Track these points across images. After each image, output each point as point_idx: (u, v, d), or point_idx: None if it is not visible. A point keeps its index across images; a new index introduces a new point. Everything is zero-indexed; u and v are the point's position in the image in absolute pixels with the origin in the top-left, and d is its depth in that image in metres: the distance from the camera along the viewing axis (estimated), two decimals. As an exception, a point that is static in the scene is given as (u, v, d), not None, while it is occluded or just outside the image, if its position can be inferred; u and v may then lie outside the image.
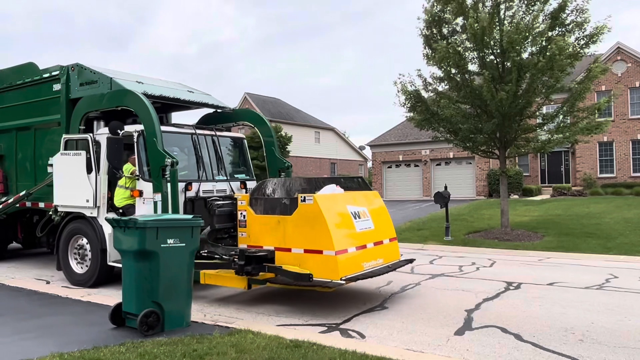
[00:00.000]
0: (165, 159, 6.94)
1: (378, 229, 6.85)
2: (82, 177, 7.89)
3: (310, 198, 6.15)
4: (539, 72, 11.82)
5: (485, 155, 14.80)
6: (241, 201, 6.90)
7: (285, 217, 6.35)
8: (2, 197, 9.76)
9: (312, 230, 6.08)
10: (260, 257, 6.28)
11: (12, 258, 11.03)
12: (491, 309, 6.48)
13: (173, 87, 9.35)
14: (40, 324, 5.94)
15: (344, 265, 5.94)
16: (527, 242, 12.57)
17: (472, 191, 28.31)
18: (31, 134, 9.41)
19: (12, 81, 9.74)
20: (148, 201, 7.21)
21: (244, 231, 6.82)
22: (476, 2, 12.75)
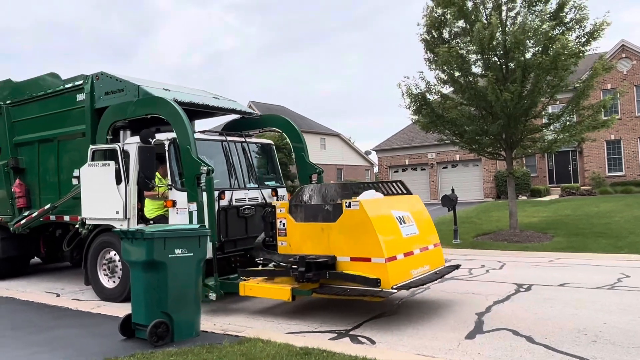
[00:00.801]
0: (201, 167, 6.68)
1: (422, 234, 6.62)
2: (112, 188, 7.63)
3: (356, 203, 5.91)
4: (543, 72, 11.79)
5: (491, 156, 14.75)
6: (280, 209, 6.65)
7: (329, 224, 6.12)
8: (25, 211, 9.52)
9: (359, 237, 5.86)
10: (321, 264, 6.00)
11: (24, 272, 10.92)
12: (502, 311, 6.43)
13: (198, 93, 9.14)
14: (51, 336, 5.96)
15: (393, 273, 5.70)
16: (537, 243, 12.48)
17: (480, 193, 28.19)
18: (54, 146, 9.19)
19: (34, 92, 9.56)
20: (182, 211, 6.97)
21: (284, 240, 6.56)
22: (477, 5, 12.76)
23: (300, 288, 6.19)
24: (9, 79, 10.28)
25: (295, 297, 6.27)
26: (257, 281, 6.72)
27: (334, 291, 5.99)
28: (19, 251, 10.26)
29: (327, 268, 6.01)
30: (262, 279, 6.77)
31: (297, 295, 6.28)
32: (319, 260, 5.99)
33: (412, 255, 6.22)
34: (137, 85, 7.91)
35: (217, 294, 6.61)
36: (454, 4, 12.32)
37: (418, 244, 6.44)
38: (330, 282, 6.07)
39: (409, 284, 5.85)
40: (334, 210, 6.14)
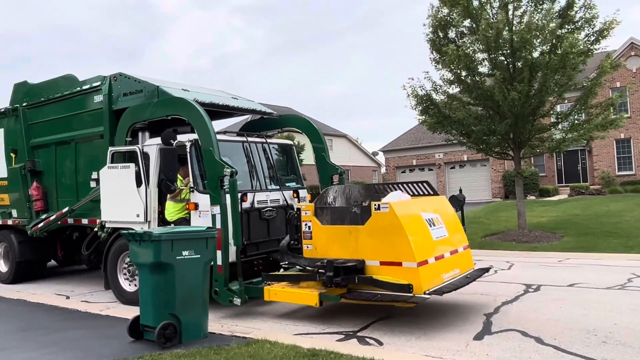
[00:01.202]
0: (224, 169, 6.49)
1: (452, 237, 6.45)
2: (132, 190, 7.49)
3: (385, 205, 5.72)
4: (551, 71, 11.72)
5: (499, 156, 14.68)
6: (305, 211, 6.44)
7: (357, 227, 5.92)
8: (42, 214, 9.46)
9: (389, 241, 5.66)
10: (349, 268, 5.80)
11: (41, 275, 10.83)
12: (510, 312, 6.39)
13: (217, 94, 8.99)
14: (61, 338, 6.01)
15: (425, 278, 5.52)
16: (546, 243, 12.39)
17: (488, 193, 28.05)
18: (71, 148, 9.06)
19: (51, 94, 9.43)
20: (204, 214, 6.84)
21: (309, 243, 6.37)
22: (483, 4, 12.71)
23: (328, 293, 6.03)
24: (25, 81, 10.23)
25: (322, 303, 6.05)
26: (281, 285, 6.55)
27: (364, 297, 5.81)
28: (37, 254, 10.21)
29: (355, 272, 5.81)
30: (286, 284, 6.59)
31: (325, 301, 6.09)
32: (347, 265, 5.80)
33: (443, 258, 6.04)
34: (157, 85, 7.76)
35: (242, 299, 6.46)
36: (460, 4, 12.28)
37: (448, 246, 6.27)
38: (359, 287, 5.89)
39: (441, 288, 5.65)
40: (362, 212, 5.95)
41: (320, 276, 5.98)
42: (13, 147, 10.00)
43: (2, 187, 10.31)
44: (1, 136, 10.28)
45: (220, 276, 6.51)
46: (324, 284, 5.96)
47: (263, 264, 7.54)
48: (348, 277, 5.79)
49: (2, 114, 10.32)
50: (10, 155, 10.01)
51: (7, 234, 10.17)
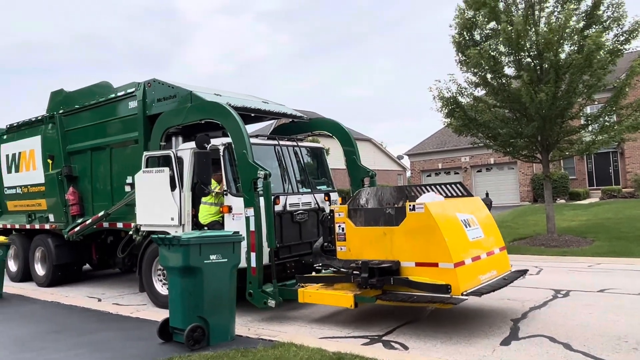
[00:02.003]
0: (258, 172, 6.54)
1: (488, 238, 6.37)
2: (166, 194, 7.60)
3: (420, 206, 5.67)
4: (578, 71, 11.50)
5: (527, 159, 14.45)
6: (339, 213, 6.42)
7: (391, 228, 5.89)
8: (78, 219, 9.68)
9: (425, 242, 5.61)
10: (384, 269, 5.76)
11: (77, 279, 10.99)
12: (539, 317, 6.30)
13: (248, 98, 9.10)
14: (93, 339, 6.19)
15: (463, 279, 5.44)
16: (576, 248, 12.14)
17: (516, 197, 27.59)
18: (107, 153, 9.28)
19: (86, 101, 9.67)
20: (237, 217, 6.89)
21: (343, 245, 6.34)
22: (509, 5, 12.57)
23: (363, 295, 6.00)
24: (62, 89, 10.56)
25: (357, 305, 6.04)
26: (315, 287, 6.57)
27: (400, 298, 5.75)
28: (73, 258, 10.48)
29: (390, 274, 5.77)
30: (320, 286, 6.62)
31: (360, 303, 6.07)
32: (382, 266, 5.76)
33: (480, 260, 5.96)
34: (190, 91, 7.85)
35: (276, 301, 6.50)
36: (486, 5, 12.17)
37: (484, 248, 6.19)
38: (394, 288, 5.85)
39: (480, 289, 5.56)
40: (397, 213, 5.92)
41: (354, 278, 5.97)
42: (50, 153, 10.29)
43: (39, 193, 10.63)
44: (39, 143, 10.59)
45: (254, 278, 6.59)
46: (359, 285, 5.95)
47: (295, 266, 7.57)
48: (383, 278, 5.75)
49: (39, 122, 10.68)
50: (47, 162, 10.32)
51: (45, 238, 10.49)
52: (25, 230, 11.15)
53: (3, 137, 11.74)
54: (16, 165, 11.30)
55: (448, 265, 5.45)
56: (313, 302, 6.61)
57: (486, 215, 6.75)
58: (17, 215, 11.44)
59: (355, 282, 5.99)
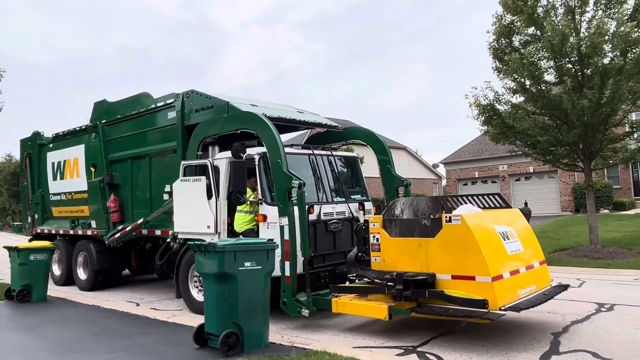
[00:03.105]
0: (292, 181, 6.60)
1: (527, 251, 6.21)
2: (203, 203, 7.73)
3: (457, 218, 5.58)
4: (625, 77, 11.10)
5: (568, 168, 14.01)
6: (374, 223, 6.38)
7: (427, 239, 5.82)
8: (118, 225, 9.95)
9: (462, 254, 5.50)
10: (419, 282, 5.67)
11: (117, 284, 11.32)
12: (581, 332, 6.07)
13: (283, 108, 9.21)
14: (131, 343, 6.34)
15: (500, 293, 5.30)
16: (621, 260, 11.65)
17: (557, 207, 26.74)
18: (146, 162, 9.53)
19: (127, 111, 9.96)
20: (272, 225, 6.96)
21: (377, 255, 6.29)
22: (547, 10, 12.29)
23: (397, 307, 5.96)
24: (104, 99, 10.94)
25: (392, 316, 6.00)
26: (349, 298, 6.54)
27: (435, 311, 5.67)
28: (113, 263, 10.81)
29: (426, 286, 5.69)
30: (354, 296, 6.58)
31: (394, 315, 6.02)
32: (417, 278, 5.67)
33: (518, 273, 5.78)
34: (227, 101, 8.01)
35: (310, 310, 6.52)
36: (524, 11, 11.94)
37: (523, 261, 6.02)
38: (429, 301, 5.77)
39: (518, 305, 5.42)
40: (433, 224, 5.83)
41: (389, 289, 5.89)
42: (93, 161, 10.66)
43: (82, 200, 11.02)
44: (82, 151, 10.99)
45: (288, 287, 6.62)
46: (393, 297, 5.87)
47: (329, 276, 7.55)
48: (418, 290, 5.66)
49: (83, 131, 11.10)
50: (90, 170, 10.68)
51: (87, 243, 10.85)
52: (68, 235, 11.55)
53: (49, 145, 12.24)
54: (61, 172, 11.75)
55: (485, 279, 5.30)
56: (347, 313, 6.57)
57: (525, 227, 6.56)
58: (62, 221, 11.86)
59: (390, 293, 5.92)
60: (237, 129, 7.71)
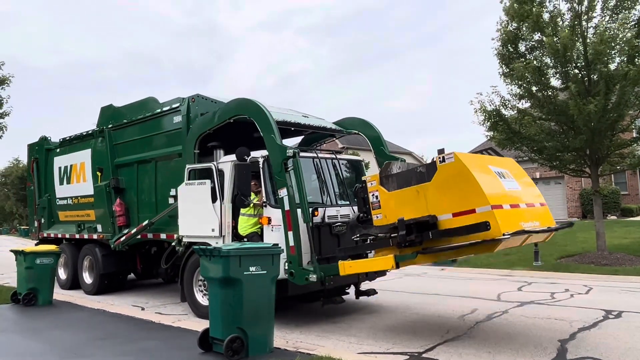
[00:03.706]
0: (287, 150, 6.71)
1: (526, 191, 6.10)
2: (207, 206, 7.76)
3: (450, 156, 5.52)
4: (631, 83, 11.06)
5: (575, 174, 13.95)
6: (371, 182, 6.37)
7: (424, 185, 5.76)
8: (124, 229, 9.93)
9: (459, 190, 5.43)
10: (422, 224, 5.61)
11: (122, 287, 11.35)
12: (588, 339, 6.01)
13: (287, 112, 9.22)
14: (137, 347, 6.34)
15: (502, 220, 5.15)
16: (629, 267, 11.56)
17: (564, 213, 26.58)
18: (152, 166, 9.52)
19: (134, 116, 9.98)
20: (276, 228, 6.99)
21: (378, 213, 6.24)
22: (553, 16, 12.27)
23: (403, 254, 5.83)
24: (111, 104, 10.98)
25: (399, 265, 5.82)
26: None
27: (440, 250, 5.58)
28: (118, 267, 10.82)
29: (428, 228, 5.60)
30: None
31: (401, 262, 5.87)
32: (419, 221, 5.61)
33: (519, 208, 5.65)
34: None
35: (317, 274, 6.49)
36: (530, 17, 11.93)
37: (523, 199, 5.89)
38: (433, 243, 5.66)
39: (523, 230, 5.32)
40: (428, 169, 5.79)
41: (393, 240, 5.84)
42: (99, 165, 10.70)
43: (89, 204, 11.06)
44: (88, 156, 11.04)
45: (293, 257, 6.66)
46: (398, 245, 5.78)
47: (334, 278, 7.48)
48: (421, 234, 5.59)
49: (89, 136, 11.15)
50: (96, 174, 10.72)
51: (92, 247, 10.89)
52: (74, 239, 11.60)
53: (56, 150, 12.32)
54: (68, 177, 11.81)
55: (485, 208, 5.19)
56: (355, 272, 6.41)
57: (522, 172, 6.50)
58: (68, 225, 11.91)
59: (395, 243, 5.84)
60: (231, 117, 7.80)
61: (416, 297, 9.40)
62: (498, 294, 9.19)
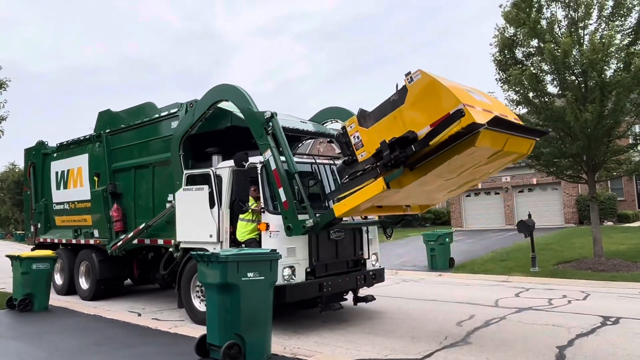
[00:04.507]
0: (264, 113, 7.06)
1: (497, 105, 6.16)
2: (205, 212, 7.77)
3: (417, 74, 5.59)
4: (625, 90, 11.12)
5: (571, 180, 13.99)
6: (350, 125, 6.44)
7: (398, 109, 5.82)
8: (121, 235, 9.88)
9: (431, 102, 5.49)
10: (403, 139, 5.65)
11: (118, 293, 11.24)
12: (586, 345, 6.01)
13: (286, 118, 9.14)
14: (133, 353, 6.31)
15: (476, 113, 5.20)
16: (626, 273, 11.57)
17: (560, 219, 26.63)
18: (149, 172, 9.53)
19: (131, 121, 9.97)
20: (274, 234, 7.04)
21: (362, 151, 6.27)
22: (550, 23, 12.34)
23: (390, 174, 5.81)
24: (108, 109, 10.95)
25: (389, 185, 5.76)
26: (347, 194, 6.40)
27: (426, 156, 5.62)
28: (115, 273, 10.76)
29: (410, 143, 5.61)
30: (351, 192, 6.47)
31: (391, 182, 5.81)
32: (400, 138, 5.64)
33: (492, 113, 5.62)
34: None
35: (314, 219, 6.55)
36: (526, 24, 12.00)
37: (495, 110, 5.87)
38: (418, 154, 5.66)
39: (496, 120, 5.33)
40: (400, 94, 5.86)
41: (380, 167, 5.89)
42: (97, 170, 10.66)
43: (85, 209, 11.01)
44: (86, 161, 11.00)
45: (287, 212, 6.79)
46: (385, 166, 5.83)
47: (332, 285, 7.41)
48: (404, 149, 5.65)
49: (87, 140, 11.12)
50: (93, 179, 10.68)
51: (89, 253, 10.83)
52: (71, 244, 11.54)
53: (53, 154, 12.28)
54: (65, 181, 11.77)
55: (458, 107, 5.21)
56: (349, 208, 6.29)
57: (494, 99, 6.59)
58: (64, 230, 11.86)
59: (381, 169, 5.88)
60: (209, 108, 8.09)
61: (414, 303, 9.39)
62: (496, 300, 9.18)
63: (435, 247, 14.23)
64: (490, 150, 5.59)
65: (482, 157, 5.78)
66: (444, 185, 6.54)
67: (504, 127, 5.51)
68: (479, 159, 5.83)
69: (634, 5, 11.73)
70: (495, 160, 6.06)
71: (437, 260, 14.21)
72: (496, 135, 5.44)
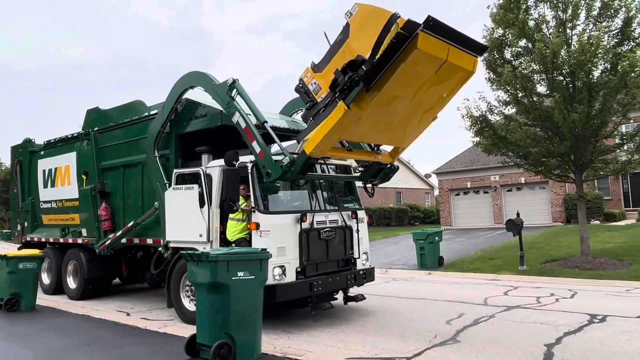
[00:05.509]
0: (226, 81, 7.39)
1: None
2: (195, 211, 7.73)
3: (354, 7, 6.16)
4: (612, 91, 11.25)
5: (559, 179, 14.12)
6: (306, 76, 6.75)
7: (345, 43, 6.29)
8: (109, 234, 9.82)
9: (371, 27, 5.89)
10: (353, 64, 5.98)
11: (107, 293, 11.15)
12: (574, 343, 6.08)
13: (275, 117, 9.17)
14: (122, 353, 6.26)
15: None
16: (612, 271, 11.72)
17: (548, 217, 26.90)
18: (138, 171, 9.44)
19: (120, 119, 9.91)
20: (265, 234, 7.04)
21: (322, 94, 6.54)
22: (538, 23, 12.44)
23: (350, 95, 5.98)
24: (97, 107, 10.85)
25: (350, 106, 5.92)
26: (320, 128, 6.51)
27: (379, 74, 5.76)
28: (103, 272, 10.64)
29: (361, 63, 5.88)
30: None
31: (351, 104, 5.93)
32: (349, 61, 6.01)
33: None
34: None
35: (289, 157, 6.59)
36: (515, 25, 12.08)
37: None
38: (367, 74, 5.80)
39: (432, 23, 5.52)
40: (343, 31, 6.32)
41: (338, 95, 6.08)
42: (85, 169, 10.54)
43: (73, 207, 10.89)
44: (74, 159, 10.88)
45: (263, 160, 6.88)
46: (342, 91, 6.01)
47: (322, 284, 7.41)
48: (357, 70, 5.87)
49: (75, 138, 11.01)
50: (82, 177, 10.57)
51: (77, 252, 10.70)
52: (58, 243, 11.42)
53: (40, 152, 12.14)
54: (52, 180, 11.64)
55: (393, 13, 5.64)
56: (317, 140, 6.25)
57: None
58: (52, 229, 11.73)
59: (340, 96, 6.03)
60: (177, 99, 8.29)
61: (404, 301, 9.43)
62: (485, 299, 9.25)
63: (425, 246, 14.30)
64: (434, 59, 5.76)
65: (430, 70, 5.95)
66: (404, 115, 6.67)
67: (441, 32, 5.70)
68: (427, 73, 6.00)
69: (620, 7, 11.86)
70: (445, 80, 6.26)
71: (426, 259, 14.28)
72: (435, 41, 5.65)
